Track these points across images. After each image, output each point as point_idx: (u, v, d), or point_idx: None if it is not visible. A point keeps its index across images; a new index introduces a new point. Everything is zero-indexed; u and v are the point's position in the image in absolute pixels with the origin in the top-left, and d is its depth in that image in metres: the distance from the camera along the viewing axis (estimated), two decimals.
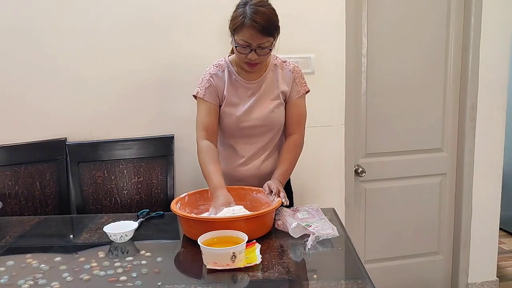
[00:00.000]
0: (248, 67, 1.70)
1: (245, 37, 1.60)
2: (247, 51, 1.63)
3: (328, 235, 1.49)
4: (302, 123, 1.85)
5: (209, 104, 1.76)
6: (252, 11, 1.58)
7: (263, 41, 1.61)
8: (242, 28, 1.60)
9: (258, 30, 1.58)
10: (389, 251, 2.68)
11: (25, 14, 2.09)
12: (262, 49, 1.63)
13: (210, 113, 1.77)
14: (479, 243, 2.69)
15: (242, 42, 1.62)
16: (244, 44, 1.62)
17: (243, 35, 1.60)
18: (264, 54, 1.65)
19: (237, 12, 1.63)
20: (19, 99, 2.15)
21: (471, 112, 2.54)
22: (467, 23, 2.48)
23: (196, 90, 1.78)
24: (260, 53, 1.64)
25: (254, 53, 1.63)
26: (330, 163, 2.43)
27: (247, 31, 1.59)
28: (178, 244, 1.58)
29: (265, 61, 1.74)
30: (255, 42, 1.61)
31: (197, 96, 1.78)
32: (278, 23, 1.64)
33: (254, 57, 1.64)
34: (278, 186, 1.67)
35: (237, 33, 1.62)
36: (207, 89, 1.76)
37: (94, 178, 2.17)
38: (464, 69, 2.54)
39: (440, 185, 2.67)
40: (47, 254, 1.47)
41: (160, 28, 2.18)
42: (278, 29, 1.65)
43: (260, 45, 1.62)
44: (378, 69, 2.47)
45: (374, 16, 2.41)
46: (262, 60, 1.69)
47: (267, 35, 1.60)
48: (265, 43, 1.62)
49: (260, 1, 1.62)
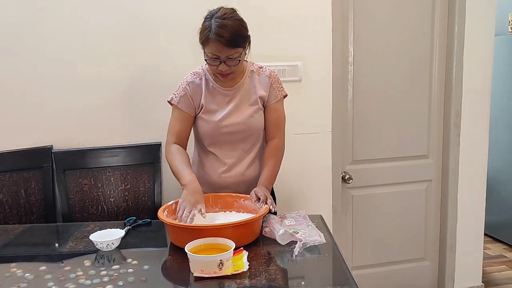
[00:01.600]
0: (221, 77, 1.71)
1: (213, 50, 1.61)
2: (216, 63, 1.64)
3: (315, 242, 1.49)
4: (281, 127, 1.86)
5: (182, 112, 1.78)
6: (216, 25, 1.58)
7: (230, 52, 1.61)
8: (208, 42, 1.60)
9: (224, 43, 1.58)
10: (376, 257, 2.69)
11: (8, 22, 2.07)
12: (231, 60, 1.64)
13: (182, 121, 1.78)
14: (464, 248, 2.71)
15: (211, 55, 1.63)
16: (213, 57, 1.63)
17: (211, 48, 1.61)
18: (234, 64, 1.66)
19: (204, 25, 1.62)
20: (4, 106, 2.12)
21: (456, 119, 2.58)
22: (451, 32, 2.53)
23: (171, 96, 1.80)
24: (230, 64, 1.64)
25: (224, 64, 1.64)
26: (317, 170, 2.44)
27: (213, 44, 1.59)
28: (165, 252, 1.57)
29: (238, 70, 1.74)
30: (222, 54, 1.61)
31: (172, 103, 1.79)
32: (246, 33, 1.65)
33: (224, 68, 1.65)
34: (265, 193, 1.67)
35: (206, 46, 1.63)
36: (182, 97, 1.77)
37: (80, 186, 2.15)
38: (448, 77, 2.58)
39: (426, 192, 2.70)
40: (32, 263, 1.45)
41: (146, 35, 2.18)
42: (246, 39, 1.65)
43: (228, 57, 1.62)
44: (364, 77, 2.49)
45: (360, 25, 2.44)
46: (234, 70, 1.69)
47: (233, 47, 1.61)
48: (233, 54, 1.62)
49: (224, 14, 1.61)
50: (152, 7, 2.17)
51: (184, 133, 1.80)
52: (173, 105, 1.80)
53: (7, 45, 2.09)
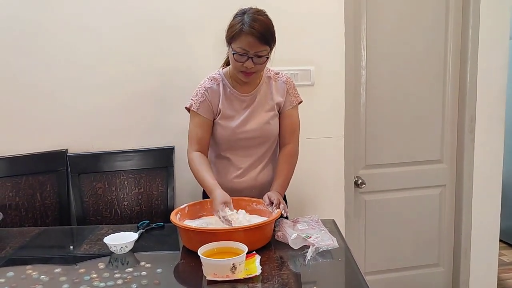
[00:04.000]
0: (244, 76, 1.71)
1: (243, 45, 1.62)
2: (244, 59, 1.65)
3: (328, 246, 1.49)
4: (296, 133, 1.87)
5: (202, 118, 1.78)
6: (250, 19, 1.61)
7: (260, 49, 1.63)
8: (240, 35, 1.62)
9: (256, 37, 1.60)
10: (389, 263, 2.67)
11: (24, 26, 2.10)
12: (259, 58, 1.65)
13: (203, 127, 1.79)
14: (479, 255, 2.67)
15: (240, 49, 1.63)
16: (242, 52, 1.63)
17: (241, 42, 1.62)
18: (261, 63, 1.67)
19: (235, 20, 1.65)
20: (20, 111, 2.15)
21: (470, 123, 2.55)
22: (465, 35, 2.51)
23: (190, 102, 1.80)
24: (256, 61, 1.65)
25: (250, 61, 1.64)
26: (330, 174, 2.44)
27: (245, 38, 1.61)
28: (178, 255, 1.58)
29: (260, 72, 1.75)
30: (252, 49, 1.62)
31: (190, 109, 1.79)
32: (275, 34, 1.67)
33: (250, 65, 1.65)
34: (278, 198, 1.68)
35: (235, 41, 1.64)
36: (201, 103, 1.77)
37: (94, 189, 2.17)
38: (462, 81, 2.56)
39: (440, 197, 2.67)
40: (47, 265, 1.47)
41: (162, 39, 2.19)
42: (275, 39, 1.67)
43: (257, 53, 1.63)
44: (377, 81, 2.48)
45: (373, 29, 2.43)
46: (258, 70, 1.70)
47: (264, 43, 1.62)
48: (262, 51, 1.64)
49: (258, 11, 1.65)
50: (168, 10, 2.18)
51: (205, 139, 1.80)
52: (192, 112, 1.79)
53: (23, 49, 2.12)
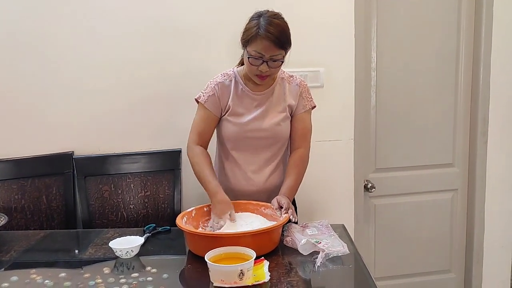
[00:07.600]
0: (258, 80, 1.70)
1: (258, 48, 1.60)
2: (259, 62, 1.63)
3: (338, 252, 1.46)
4: (307, 137, 1.84)
5: (208, 111, 1.77)
6: (266, 22, 1.59)
7: (275, 53, 1.61)
8: (255, 39, 1.60)
9: (272, 41, 1.58)
10: (400, 269, 2.62)
11: (31, 28, 2.10)
12: (274, 61, 1.63)
13: (207, 121, 1.78)
14: (492, 261, 2.63)
15: (255, 53, 1.62)
16: (257, 55, 1.62)
17: (256, 46, 1.60)
18: (276, 66, 1.65)
19: (251, 23, 1.63)
20: (26, 113, 2.15)
21: (483, 126, 2.50)
22: (478, 35, 2.46)
23: (199, 94, 1.79)
24: (271, 65, 1.64)
25: (265, 65, 1.63)
26: (339, 178, 2.40)
27: (260, 41, 1.59)
28: (184, 260, 1.55)
29: (275, 75, 1.74)
30: (267, 53, 1.61)
31: (198, 101, 1.78)
32: (290, 37, 1.65)
33: (265, 69, 1.64)
34: (288, 202, 1.64)
35: (250, 44, 1.62)
36: (210, 97, 1.76)
37: (100, 192, 2.15)
38: (475, 83, 2.51)
39: (452, 201, 2.62)
40: (52, 270, 1.45)
41: (169, 42, 2.18)
42: (290, 43, 1.65)
43: (272, 57, 1.62)
44: (387, 83, 2.45)
45: (383, 30, 2.40)
46: (273, 73, 1.68)
47: (280, 47, 1.61)
48: (278, 55, 1.62)
49: (275, 14, 1.64)
50: (173, 13, 2.17)
51: (207, 133, 1.80)
52: (199, 104, 1.79)
53: (31, 52, 2.11)
